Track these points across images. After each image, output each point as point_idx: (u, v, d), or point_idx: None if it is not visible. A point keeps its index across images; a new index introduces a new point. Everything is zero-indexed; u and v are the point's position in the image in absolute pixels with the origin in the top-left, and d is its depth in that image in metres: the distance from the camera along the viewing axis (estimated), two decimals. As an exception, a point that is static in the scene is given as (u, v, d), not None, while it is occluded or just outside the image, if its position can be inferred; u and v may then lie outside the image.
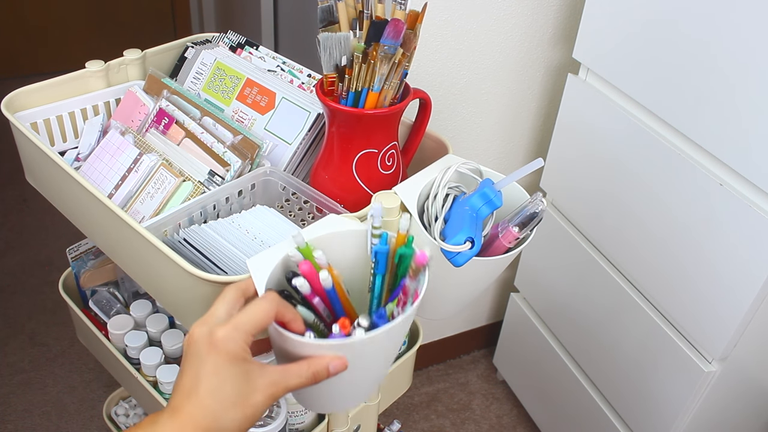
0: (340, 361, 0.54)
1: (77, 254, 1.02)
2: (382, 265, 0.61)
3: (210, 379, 0.50)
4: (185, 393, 0.50)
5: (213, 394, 0.49)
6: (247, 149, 0.78)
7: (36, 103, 0.86)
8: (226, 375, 0.50)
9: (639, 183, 1.07)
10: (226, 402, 0.49)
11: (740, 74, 0.86)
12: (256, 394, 0.50)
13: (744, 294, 0.93)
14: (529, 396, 1.58)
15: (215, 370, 0.50)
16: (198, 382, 0.50)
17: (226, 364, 0.50)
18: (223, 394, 0.49)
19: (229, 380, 0.50)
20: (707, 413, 1.09)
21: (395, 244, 0.61)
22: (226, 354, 0.50)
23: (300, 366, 0.53)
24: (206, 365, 0.50)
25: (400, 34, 0.66)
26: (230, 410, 0.49)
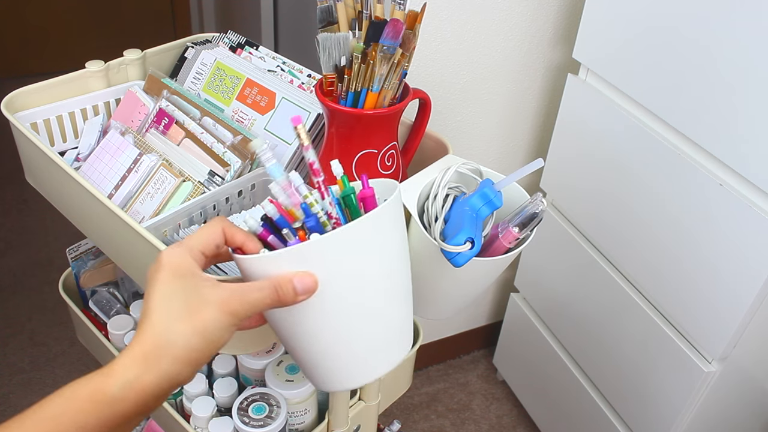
0: (310, 278, 0.50)
1: (77, 254, 1.02)
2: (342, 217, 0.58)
3: (156, 296, 0.48)
4: (141, 317, 0.49)
5: (159, 309, 0.48)
6: (247, 149, 0.78)
7: (36, 103, 0.86)
8: (172, 288, 0.48)
9: (639, 183, 1.07)
10: (173, 315, 0.47)
11: (740, 74, 0.86)
12: (207, 307, 0.48)
13: (744, 294, 0.93)
14: (529, 396, 1.58)
15: (161, 285, 0.49)
16: (148, 301, 0.49)
17: (170, 277, 0.49)
18: (170, 308, 0.48)
19: (175, 294, 0.48)
20: (707, 413, 1.09)
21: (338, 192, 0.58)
22: (170, 268, 0.49)
23: (261, 282, 0.50)
24: (155, 283, 0.49)
25: (399, 35, 0.66)
26: (176, 323, 0.47)
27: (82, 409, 0.45)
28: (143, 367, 0.46)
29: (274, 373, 0.84)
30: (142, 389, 0.46)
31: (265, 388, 0.83)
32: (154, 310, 0.48)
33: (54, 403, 0.45)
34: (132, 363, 0.46)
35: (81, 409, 0.45)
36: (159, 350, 0.47)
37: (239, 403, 0.81)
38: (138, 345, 0.47)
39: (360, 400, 0.91)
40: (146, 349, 0.46)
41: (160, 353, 0.46)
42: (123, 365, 0.46)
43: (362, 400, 0.91)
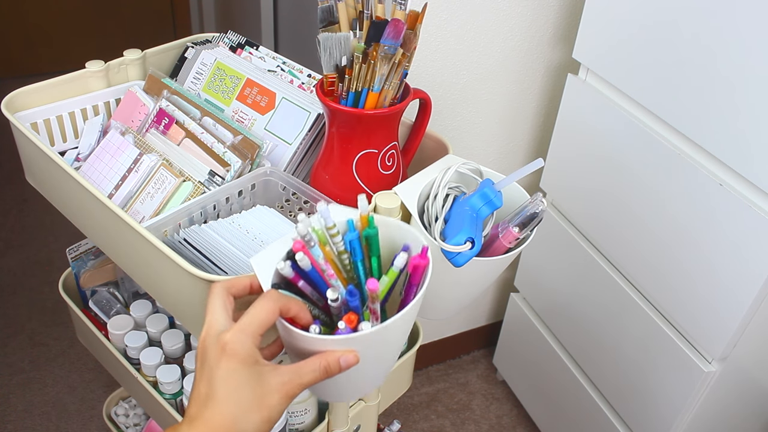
0: (352, 355, 0.53)
1: (77, 254, 1.02)
2: (358, 251, 0.60)
3: (225, 384, 0.50)
4: (201, 401, 0.50)
5: (229, 399, 0.49)
6: (247, 149, 0.78)
7: (36, 103, 0.86)
8: (240, 378, 0.50)
9: (639, 183, 1.07)
10: (244, 405, 0.49)
11: (740, 74, 0.86)
12: (272, 395, 0.50)
13: (744, 294, 0.93)
14: (529, 396, 1.58)
15: (228, 375, 0.50)
16: (213, 388, 0.50)
17: (238, 367, 0.50)
18: (240, 398, 0.49)
19: (244, 383, 0.50)
20: (707, 413, 1.09)
21: (360, 228, 0.59)
22: (237, 357, 0.50)
23: (312, 362, 0.53)
24: (219, 371, 0.50)
25: (400, 35, 0.66)
26: (248, 413, 0.49)
27: None
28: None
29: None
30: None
31: (266, 388, 0.83)
32: (223, 400, 0.49)
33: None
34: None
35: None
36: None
37: (239, 403, 0.81)
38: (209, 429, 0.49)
39: (360, 400, 0.91)
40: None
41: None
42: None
43: (362, 400, 0.91)
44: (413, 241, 0.60)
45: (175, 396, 0.90)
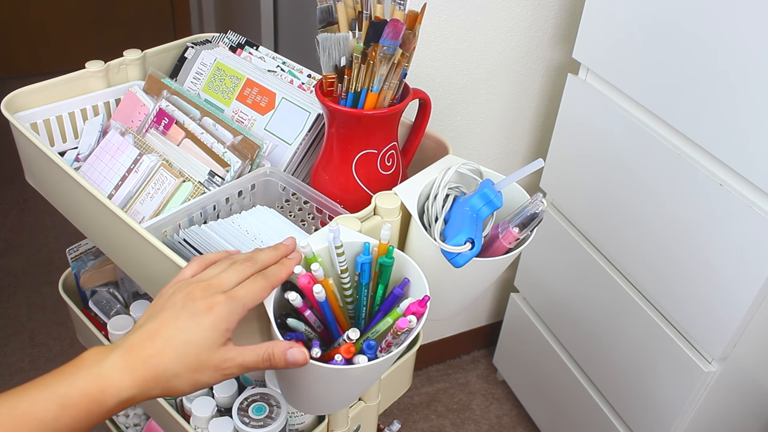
0: (300, 353, 0.53)
1: (77, 254, 1.02)
2: (366, 274, 0.63)
3: (181, 336, 0.50)
4: (149, 334, 0.50)
5: (176, 350, 0.50)
6: (247, 150, 0.78)
7: (36, 104, 0.86)
8: (200, 340, 0.50)
9: (639, 183, 1.07)
10: (182, 363, 0.50)
11: (740, 74, 0.86)
12: (209, 368, 0.51)
13: (744, 294, 0.93)
14: (529, 396, 1.58)
15: (193, 330, 0.50)
16: (167, 331, 0.50)
17: (208, 330, 0.51)
18: (184, 355, 0.50)
19: (196, 345, 0.50)
20: (707, 413, 1.09)
21: (377, 253, 0.62)
22: (218, 322, 0.51)
23: (259, 348, 0.53)
24: (185, 321, 0.51)
25: (399, 35, 0.66)
26: (183, 372, 0.50)
27: (77, 418, 0.47)
28: (139, 389, 0.49)
29: (274, 374, 0.84)
30: (130, 404, 0.50)
31: (265, 389, 0.83)
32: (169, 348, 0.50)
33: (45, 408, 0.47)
34: (131, 384, 0.49)
35: (76, 418, 0.47)
36: (157, 382, 0.50)
37: (239, 403, 0.81)
38: (140, 368, 0.49)
39: (360, 400, 0.91)
40: (147, 375, 0.50)
41: (156, 385, 0.50)
42: (122, 383, 0.49)
43: (362, 400, 0.91)
44: (415, 279, 0.62)
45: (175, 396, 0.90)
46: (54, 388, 0.47)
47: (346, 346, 0.57)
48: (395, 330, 0.56)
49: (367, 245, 0.61)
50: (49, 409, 0.47)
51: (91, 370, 0.49)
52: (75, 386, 0.48)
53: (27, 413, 0.46)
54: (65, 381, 0.48)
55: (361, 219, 0.69)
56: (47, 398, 0.47)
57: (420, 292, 0.61)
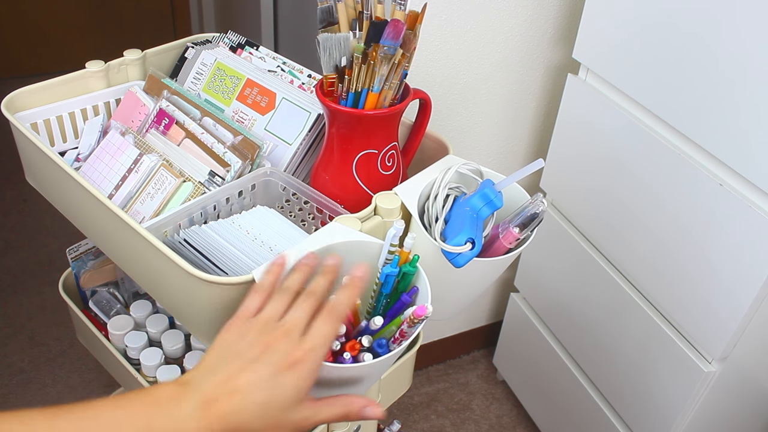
0: (378, 409, 0.53)
1: (77, 254, 1.02)
2: (389, 285, 0.63)
3: (263, 393, 0.48)
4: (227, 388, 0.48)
5: (257, 408, 0.48)
6: (248, 150, 0.78)
7: (36, 104, 0.86)
8: (282, 399, 0.49)
9: (639, 183, 1.07)
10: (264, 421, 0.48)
11: (740, 74, 0.86)
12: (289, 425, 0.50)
13: (744, 294, 0.93)
14: (529, 396, 1.58)
15: (275, 388, 0.49)
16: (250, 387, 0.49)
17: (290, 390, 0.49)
18: (267, 414, 0.48)
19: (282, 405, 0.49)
20: (707, 413, 1.09)
21: (399, 261, 0.62)
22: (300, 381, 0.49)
23: (334, 406, 0.52)
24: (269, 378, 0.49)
25: (399, 35, 0.66)
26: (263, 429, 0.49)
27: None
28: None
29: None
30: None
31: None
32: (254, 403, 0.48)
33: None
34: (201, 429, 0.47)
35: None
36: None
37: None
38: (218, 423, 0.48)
39: (360, 401, 0.91)
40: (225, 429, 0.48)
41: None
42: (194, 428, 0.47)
43: (362, 400, 0.91)
44: (422, 287, 0.63)
45: (175, 396, 0.90)
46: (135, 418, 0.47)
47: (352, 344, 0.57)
48: (412, 318, 0.56)
49: (396, 257, 0.62)
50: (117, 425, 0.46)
51: (170, 413, 0.48)
52: (155, 424, 0.47)
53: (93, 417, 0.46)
54: (144, 414, 0.47)
55: (361, 219, 0.69)
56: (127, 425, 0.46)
57: (423, 298, 0.62)
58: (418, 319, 0.56)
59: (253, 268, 0.65)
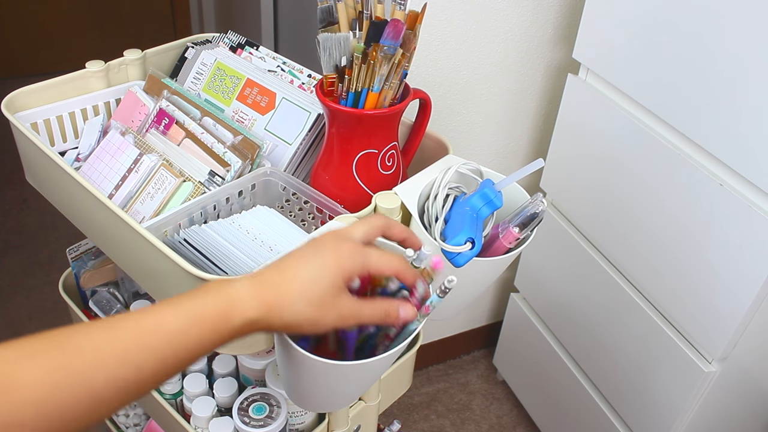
0: (412, 310, 0.56)
1: (77, 254, 1.02)
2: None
3: (308, 272, 0.52)
4: (278, 267, 0.53)
5: (303, 284, 0.51)
6: (248, 149, 0.78)
7: (36, 104, 0.86)
8: (326, 280, 0.52)
9: (639, 183, 1.07)
10: (306, 297, 0.51)
11: (740, 74, 0.86)
12: (332, 311, 0.52)
13: (744, 294, 0.93)
14: (529, 396, 1.58)
15: (319, 268, 0.52)
16: (297, 266, 0.52)
17: (332, 269, 0.52)
18: (312, 291, 0.51)
19: (324, 285, 0.52)
20: (707, 413, 1.09)
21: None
22: (341, 262, 0.52)
23: (376, 304, 0.55)
24: (314, 258, 0.53)
25: (399, 35, 0.66)
26: (306, 307, 0.51)
27: (204, 334, 0.49)
28: (264, 313, 0.51)
29: (274, 374, 0.84)
30: (252, 330, 0.51)
31: (266, 388, 0.83)
32: (300, 279, 0.52)
33: (175, 321, 0.48)
34: (257, 305, 0.50)
35: (203, 333, 0.48)
36: (279, 311, 0.51)
37: (239, 403, 0.81)
38: (266, 292, 0.51)
39: (360, 400, 0.91)
40: (271, 300, 0.51)
41: (279, 314, 0.51)
42: (249, 303, 0.50)
43: (362, 400, 0.91)
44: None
45: (175, 396, 0.90)
46: (184, 306, 0.49)
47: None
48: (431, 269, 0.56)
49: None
50: (178, 322, 0.48)
51: (220, 291, 0.50)
52: (206, 303, 0.49)
53: (156, 325, 0.47)
54: (195, 300, 0.50)
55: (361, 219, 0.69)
56: (178, 313, 0.48)
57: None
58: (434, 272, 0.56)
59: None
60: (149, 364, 0.46)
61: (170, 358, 0.47)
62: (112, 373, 0.45)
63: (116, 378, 0.45)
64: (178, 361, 0.48)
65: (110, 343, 0.45)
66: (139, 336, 0.46)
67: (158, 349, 0.47)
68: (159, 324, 0.47)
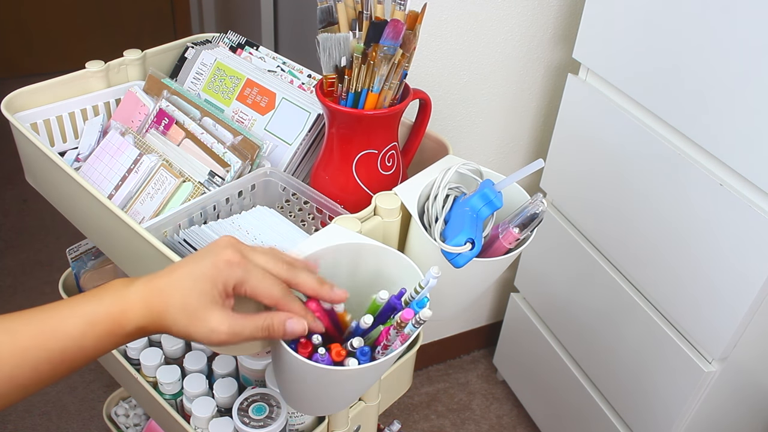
0: (299, 324, 0.55)
1: (77, 254, 1.02)
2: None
3: (189, 280, 0.52)
4: (171, 268, 0.54)
5: (182, 290, 0.52)
6: (248, 150, 0.78)
7: (36, 104, 0.86)
8: (199, 289, 0.52)
9: (639, 183, 1.07)
10: (180, 304, 0.52)
11: (740, 74, 0.86)
12: (202, 324, 0.52)
13: (744, 294, 0.93)
14: (529, 396, 1.58)
15: (197, 278, 0.52)
16: (183, 273, 0.53)
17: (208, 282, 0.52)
18: (185, 299, 0.52)
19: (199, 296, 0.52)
20: (707, 413, 1.09)
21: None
22: (216, 279, 0.53)
23: (257, 319, 0.54)
24: (196, 268, 0.53)
25: (399, 35, 0.66)
26: (179, 314, 0.52)
27: (101, 337, 0.51)
28: (150, 320, 0.52)
29: (274, 374, 0.84)
30: (145, 334, 0.53)
31: (266, 389, 0.83)
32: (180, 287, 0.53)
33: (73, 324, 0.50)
34: (145, 313, 0.52)
35: (100, 337, 0.51)
36: (161, 318, 0.52)
37: (239, 403, 0.81)
38: (152, 299, 0.52)
39: (360, 400, 0.91)
40: (155, 308, 0.52)
41: (161, 321, 0.53)
42: (138, 310, 0.52)
43: (362, 400, 0.91)
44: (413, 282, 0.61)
45: (175, 396, 0.90)
46: (81, 308, 0.51)
47: (337, 350, 0.57)
48: (399, 322, 0.55)
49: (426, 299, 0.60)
50: (76, 325, 0.50)
51: (116, 293, 0.52)
52: (101, 307, 0.51)
53: (56, 328, 0.50)
54: (92, 302, 0.52)
55: (361, 219, 0.69)
56: (75, 316, 0.50)
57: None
58: (404, 323, 0.55)
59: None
60: (45, 365, 0.49)
61: (67, 359, 0.50)
62: (9, 372, 0.48)
63: (14, 377, 0.48)
64: (72, 362, 0.50)
65: (10, 344, 0.48)
66: (37, 338, 0.49)
67: (54, 350, 0.49)
68: (59, 326, 0.50)
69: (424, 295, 0.59)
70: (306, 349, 0.57)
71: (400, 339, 0.57)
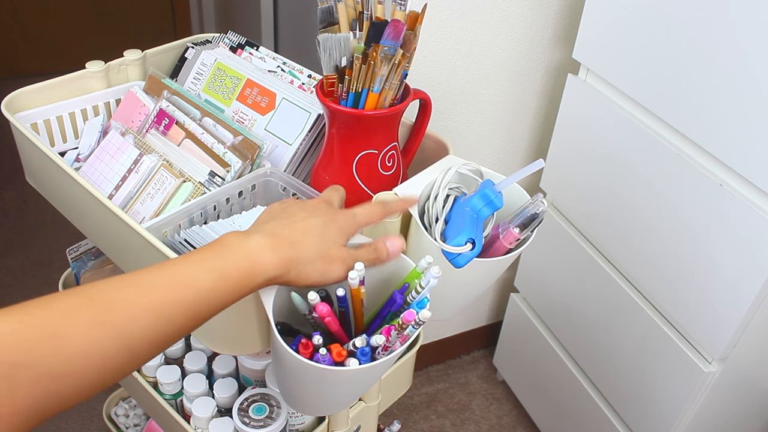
0: (398, 240, 0.62)
1: (77, 254, 1.02)
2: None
3: (317, 231, 0.57)
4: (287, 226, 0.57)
5: (313, 241, 0.57)
6: (248, 150, 0.78)
7: (36, 104, 0.86)
8: (330, 238, 0.58)
9: (639, 183, 1.07)
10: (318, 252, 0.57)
11: (740, 74, 0.86)
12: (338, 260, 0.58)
13: (744, 294, 0.93)
14: (529, 396, 1.58)
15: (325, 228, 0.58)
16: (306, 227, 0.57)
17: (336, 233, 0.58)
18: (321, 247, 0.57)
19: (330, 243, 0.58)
20: (707, 413, 1.09)
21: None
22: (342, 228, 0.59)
23: (364, 246, 0.61)
24: (319, 222, 0.58)
25: (400, 35, 0.66)
26: (317, 260, 0.57)
27: (229, 290, 0.53)
28: (282, 270, 0.55)
29: (274, 374, 0.84)
30: (269, 284, 0.56)
31: (266, 389, 0.83)
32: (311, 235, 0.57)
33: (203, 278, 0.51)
34: (277, 263, 0.55)
35: (229, 290, 0.53)
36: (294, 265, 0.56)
37: (239, 403, 0.81)
38: (284, 249, 0.55)
39: (360, 400, 0.91)
40: (288, 257, 0.55)
41: (294, 268, 0.56)
42: (269, 261, 0.54)
43: (362, 400, 0.91)
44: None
45: (175, 396, 0.90)
46: (209, 262, 0.52)
47: (338, 350, 0.57)
48: (401, 323, 0.56)
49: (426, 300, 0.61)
50: (206, 279, 0.51)
51: (241, 248, 0.54)
52: (229, 261, 0.53)
53: (187, 281, 0.51)
54: (218, 256, 0.53)
55: (361, 219, 0.69)
56: (205, 270, 0.52)
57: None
58: (406, 324, 0.56)
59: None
60: (179, 318, 0.50)
61: (199, 312, 0.51)
62: (146, 326, 0.48)
63: (151, 331, 0.48)
64: (205, 313, 0.52)
65: (145, 299, 0.49)
66: (171, 292, 0.50)
67: (188, 303, 0.50)
68: (190, 279, 0.51)
69: (425, 295, 0.59)
70: (307, 350, 0.57)
71: (400, 340, 0.57)
